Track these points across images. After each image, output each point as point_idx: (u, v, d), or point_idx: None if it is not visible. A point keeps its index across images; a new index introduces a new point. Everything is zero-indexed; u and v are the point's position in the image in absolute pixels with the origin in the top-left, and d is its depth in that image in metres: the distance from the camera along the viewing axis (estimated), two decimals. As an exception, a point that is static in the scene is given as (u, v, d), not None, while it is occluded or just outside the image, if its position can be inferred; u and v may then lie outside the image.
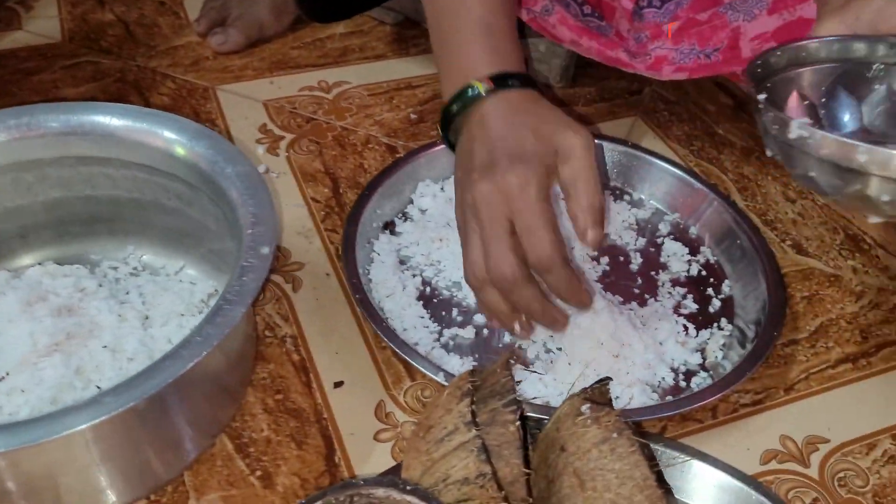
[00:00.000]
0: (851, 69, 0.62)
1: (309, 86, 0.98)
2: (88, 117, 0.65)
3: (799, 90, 0.62)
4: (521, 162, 0.60)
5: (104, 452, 0.51)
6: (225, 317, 0.52)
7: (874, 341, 0.72)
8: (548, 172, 0.61)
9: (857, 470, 0.62)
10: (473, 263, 0.62)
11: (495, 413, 0.50)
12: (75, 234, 0.71)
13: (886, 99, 0.62)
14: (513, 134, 0.63)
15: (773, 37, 0.77)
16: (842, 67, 0.62)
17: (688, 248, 0.78)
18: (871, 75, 0.62)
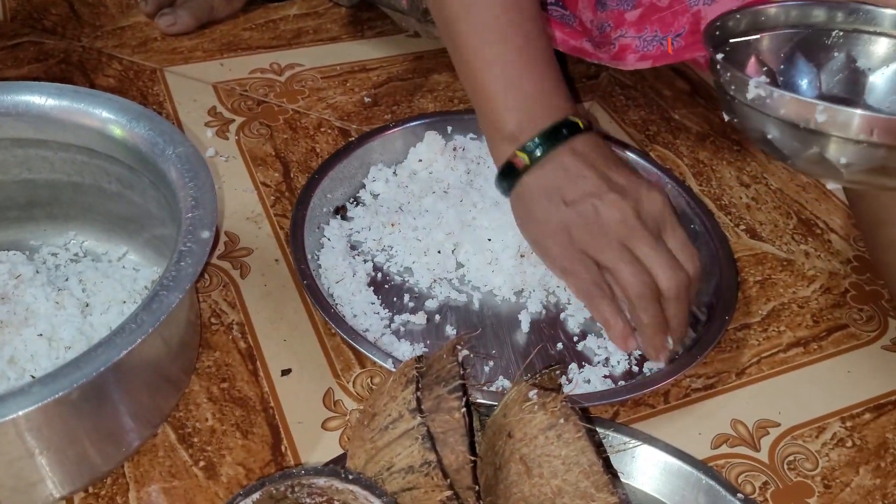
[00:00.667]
0: (811, 36, 0.61)
1: (261, 68, 0.96)
2: (22, 97, 0.62)
3: (757, 55, 0.61)
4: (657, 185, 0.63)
5: (36, 444, 0.49)
6: (161, 303, 0.50)
7: (825, 325, 0.72)
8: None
9: (807, 453, 0.62)
10: (641, 276, 0.60)
11: (440, 400, 0.49)
12: (13, 219, 0.69)
13: (845, 66, 0.62)
14: (626, 166, 0.64)
15: None
16: (801, 34, 0.61)
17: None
18: (830, 42, 0.61)
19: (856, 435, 0.64)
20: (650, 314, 0.61)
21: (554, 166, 0.62)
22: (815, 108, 0.50)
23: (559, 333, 0.68)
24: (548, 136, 0.63)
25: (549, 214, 0.62)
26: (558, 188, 0.62)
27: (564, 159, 0.62)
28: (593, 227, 0.61)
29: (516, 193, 0.65)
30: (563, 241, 0.62)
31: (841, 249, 0.80)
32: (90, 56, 0.96)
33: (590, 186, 0.61)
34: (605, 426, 0.59)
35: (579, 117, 0.64)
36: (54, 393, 0.45)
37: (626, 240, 0.60)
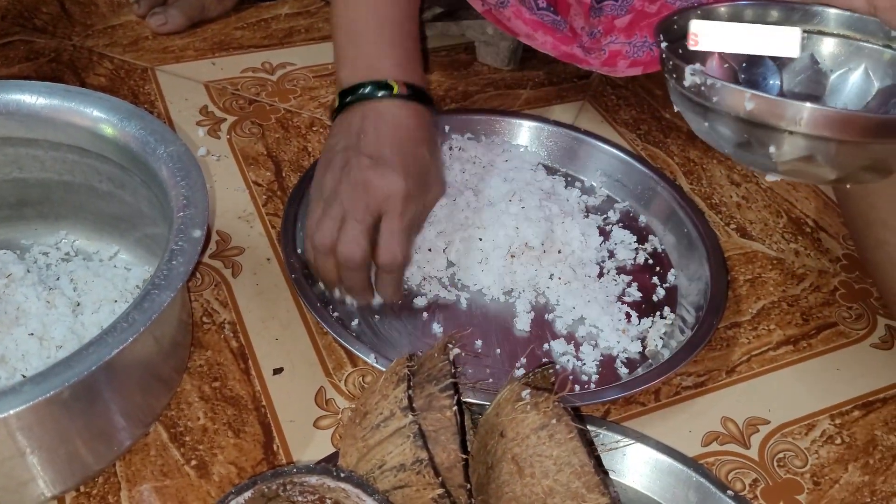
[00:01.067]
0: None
1: (252, 67, 0.96)
2: (13, 96, 0.62)
3: (719, 53, 0.61)
4: (414, 178, 0.65)
5: (27, 443, 0.49)
6: (153, 302, 0.50)
7: (815, 323, 0.73)
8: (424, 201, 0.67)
9: (797, 450, 0.62)
10: (325, 232, 0.64)
11: (432, 398, 0.49)
12: (3, 218, 0.69)
13: (809, 67, 0.62)
14: (412, 148, 0.66)
15: None
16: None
17: (636, 236, 0.77)
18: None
19: (845, 432, 0.64)
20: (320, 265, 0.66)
21: (351, 115, 0.68)
22: (744, 96, 0.51)
23: (546, 334, 0.69)
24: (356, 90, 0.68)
25: (326, 151, 0.68)
26: (343, 134, 0.68)
27: (360, 113, 0.67)
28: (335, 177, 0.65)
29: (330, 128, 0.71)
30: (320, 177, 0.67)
31: (830, 248, 0.80)
32: (81, 55, 0.95)
33: (358, 143, 0.66)
34: (596, 424, 0.59)
35: (399, 83, 0.68)
36: (45, 392, 0.45)
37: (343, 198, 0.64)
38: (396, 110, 0.67)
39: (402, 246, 0.65)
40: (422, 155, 0.67)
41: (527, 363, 0.66)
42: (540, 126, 0.86)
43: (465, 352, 0.66)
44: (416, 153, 0.67)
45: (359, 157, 0.65)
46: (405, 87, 0.68)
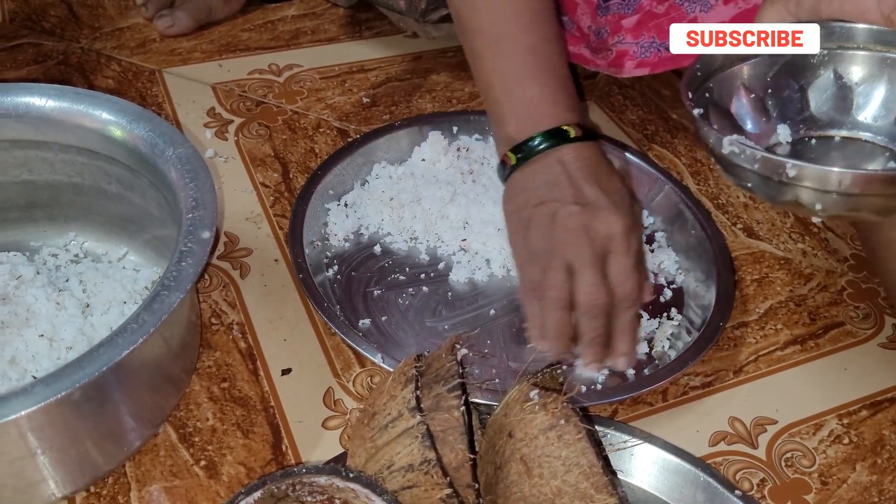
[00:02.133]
0: (796, 57, 0.62)
1: (259, 69, 0.96)
2: (22, 99, 0.63)
3: (744, 83, 0.62)
4: (626, 210, 0.65)
5: (38, 444, 0.50)
6: (162, 303, 0.50)
7: (822, 323, 0.72)
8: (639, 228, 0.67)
9: (804, 450, 0.62)
10: (556, 285, 0.63)
11: (440, 398, 0.49)
12: (13, 220, 0.69)
13: (833, 84, 0.63)
14: (610, 183, 0.66)
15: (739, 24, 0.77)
16: (784, 57, 0.62)
17: (644, 236, 0.77)
18: (815, 61, 0.62)
19: (852, 432, 0.64)
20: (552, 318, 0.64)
21: (535, 169, 0.67)
22: (785, 165, 0.52)
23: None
24: (539, 141, 0.67)
25: (518, 211, 0.67)
26: (533, 189, 0.67)
27: (545, 164, 0.67)
28: (545, 232, 0.64)
29: (505, 187, 0.70)
30: (521, 239, 0.66)
31: (838, 248, 0.80)
32: (89, 57, 0.96)
33: (556, 194, 0.65)
34: (604, 424, 0.59)
35: (573, 126, 0.67)
36: (56, 393, 0.46)
37: (567, 250, 0.63)
38: (578, 153, 0.66)
39: (636, 281, 0.64)
40: (619, 186, 0.67)
41: (534, 364, 0.66)
42: (546, 126, 0.85)
43: (473, 352, 0.66)
44: (615, 187, 0.67)
45: (566, 207, 0.64)
46: (578, 129, 0.67)
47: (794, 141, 0.62)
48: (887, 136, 0.61)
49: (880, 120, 0.62)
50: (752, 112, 0.63)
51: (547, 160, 0.67)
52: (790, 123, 0.61)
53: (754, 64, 0.63)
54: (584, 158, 0.67)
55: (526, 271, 0.66)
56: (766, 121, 0.62)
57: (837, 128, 0.63)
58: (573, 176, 0.66)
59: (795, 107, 0.63)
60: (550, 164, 0.66)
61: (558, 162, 0.66)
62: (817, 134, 0.63)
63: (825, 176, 0.52)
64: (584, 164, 0.66)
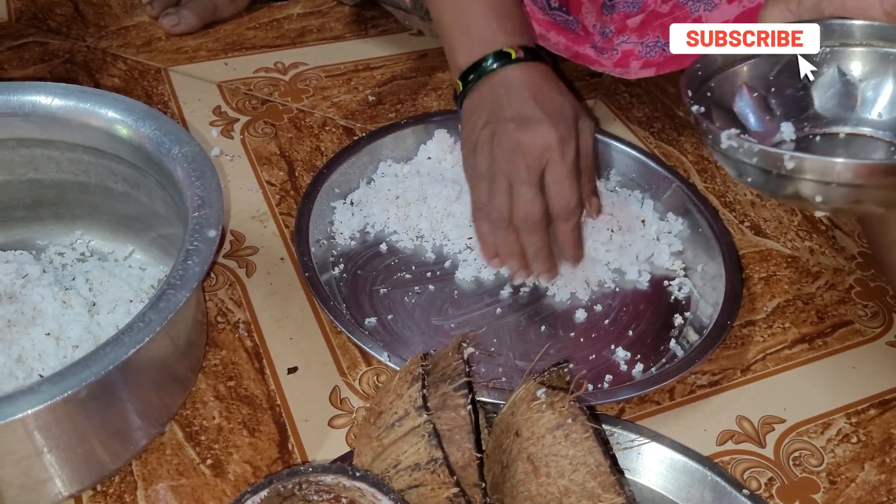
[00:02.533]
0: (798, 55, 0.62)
1: (265, 67, 0.96)
2: (28, 98, 0.63)
3: (746, 82, 0.62)
4: (562, 123, 0.67)
5: (45, 442, 0.50)
6: (169, 302, 0.50)
7: (830, 321, 0.72)
8: (580, 141, 0.68)
9: (812, 449, 0.62)
10: (498, 205, 0.66)
11: (446, 397, 0.49)
12: (19, 218, 0.69)
13: (836, 81, 0.62)
14: (549, 98, 0.68)
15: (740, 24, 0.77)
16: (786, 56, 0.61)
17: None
18: (818, 59, 0.62)
19: (861, 431, 0.64)
20: (495, 236, 0.68)
21: (480, 93, 0.70)
22: (783, 157, 0.52)
23: (559, 332, 0.68)
24: (482, 66, 0.70)
25: (468, 136, 0.70)
26: (479, 112, 0.70)
27: (489, 87, 0.70)
28: (487, 153, 0.67)
29: (462, 116, 0.74)
30: (470, 161, 0.70)
31: (846, 246, 0.80)
32: (95, 56, 0.96)
33: (494, 114, 0.68)
34: (611, 423, 0.59)
35: (515, 48, 0.70)
36: (62, 392, 0.46)
37: (505, 168, 0.66)
38: (521, 73, 0.69)
39: (572, 189, 0.66)
40: (558, 101, 0.69)
41: (540, 362, 0.66)
42: (552, 124, 0.85)
43: (479, 351, 0.66)
44: (553, 101, 0.68)
45: (503, 125, 0.67)
46: (521, 51, 0.70)
47: (798, 138, 0.61)
48: (892, 132, 0.61)
49: (885, 116, 0.62)
50: (755, 111, 0.63)
51: (491, 82, 0.70)
52: (794, 121, 0.61)
53: (756, 63, 0.63)
54: (526, 78, 0.69)
55: (474, 193, 0.69)
56: (770, 119, 0.62)
57: (842, 124, 0.62)
58: (511, 94, 0.68)
59: (799, 105, 0.63)
60: (494, 85, 0.69)
61: (501, 82, 0.69)
62: (821, 131, 0.62)
63: (824, 167, 0.52)
64: (524, 83, 0.69)
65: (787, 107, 0.63)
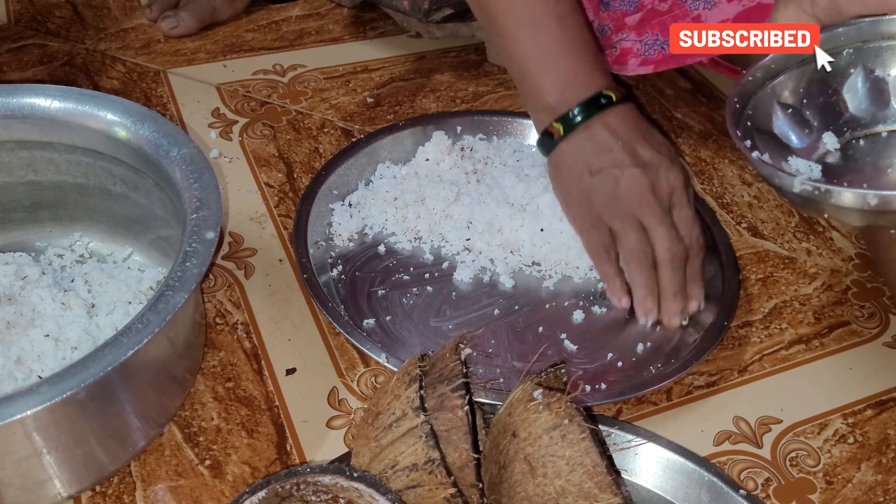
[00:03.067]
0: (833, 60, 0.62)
1: (263, 69, 0.96)
2: (27, 100, 0.63)
3: (778, 100, 0.62)
4: (678, 165, 0.68)
5: (44, 443, 0.50)
6: (167, 303, 0.50)
7: (827, 322, 0.72)
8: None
9: (809, 450, 0.62)
10: (635, 244, 0.67)
11: (444, 398, 0.49)
12: (18, 220, 0.70)
13: (866, 80, 0.62)
14: (656, 140, 0.70)
15: (734, 23, 0.77)
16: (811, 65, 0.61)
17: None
18: (843, 62, 0.62)
19: (857, 431, 0.64)
20: (643, 276, 0.68)
21: (585, 136, 0.69)
22: (867, 196, 0.51)
23: (557, 333, 0.69)
24: (582, 109, 0.69)
25: (575, 180, 0.69)
26: (586, 157, 0.69)
27: (595, 131, 0.69)
28: (611, 196, 0.67)
29: (552, 159, 0.72)
30: (584, 206, 0.69)
31: (842, 247, 0.80)
32: (94, 58, 0.96)
33: (614, 159, 0.68)
34: (608, 424, 0.59)
35: (613, 90, 0.70)
36: (61, 393, 0.46)
37: (637, 210, 0.66)
38: (621, 116, 0.69)
39: (698, 227, 0.68)
40: (666, 143, 0.70)
41: (538, 363, 0.66)
42: (550, 126, 0.86)
43: (477, 351, 0.66)
44: (660, 142, 0.70)
45: (629, 170, 0.67)
46: (620, 92, 0.70)
47: (842, 146, 0.61)
48: None
49: None
50: (794, 127, 0.63)
51: (594, 128, 0.69)
52: (833, 129, 0.61)
53: (785, 79, 0.63)
54: (628, 121, 0.69)
55: (593, 236, 0.69)
56: (810, 132, 0.62)
57: (883, 123, 0.62)
58: (624, 139, 0.68)
59: (835, 111, 0.63)
60: (598, 130, 0.68)
61: (605, 127, 0.68)
62: (863, 133, 0.62)
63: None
64: (630, 127, 0.69)
65: (824, 116, 0.63)
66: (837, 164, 0.60)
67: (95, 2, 1.06)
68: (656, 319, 0.69)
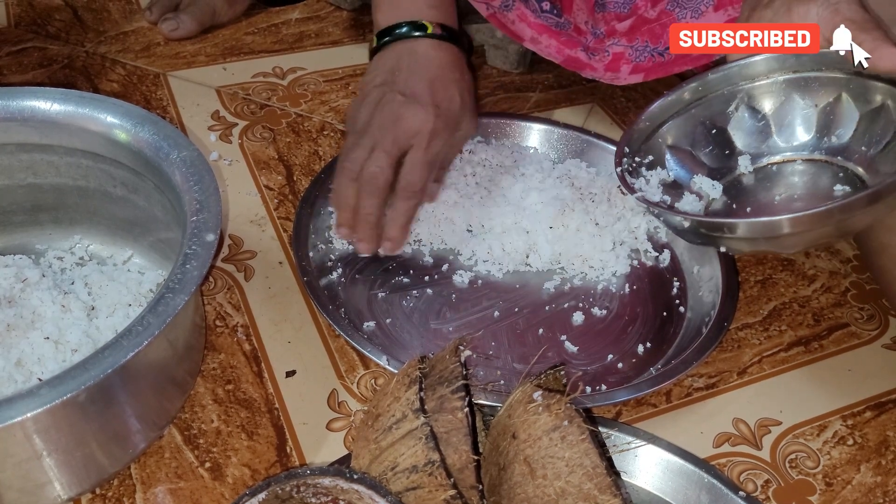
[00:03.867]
0: (710, 103, 0.68)
1: (263, 72, 0.97)
2: (28, 103, 0.63)
3: (669, 144, 0.68)
4: (444, 115, 0.69)
5: (44, 445, 0.50)
6: (167, 305, 0.50)
7: (826, 324, 0.72)
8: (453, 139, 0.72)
9: (808, 451, 0.62)
10: (353, 158, 0.68)
11: (443, 400, 0.49)
12: (18, 223, 0.70)
13: (750, 118, 0.67)
14: (444, 86, 0.71)
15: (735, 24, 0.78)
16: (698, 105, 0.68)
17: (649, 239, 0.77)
18: (728, 107, 0.68)
19: (857, 433, 0.64)
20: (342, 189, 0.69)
21: (388, 54, 0.73)
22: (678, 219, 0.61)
23: (557, 334, 0.69)
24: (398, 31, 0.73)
25: (362, 86, 0.73)
26: (379, 70, 0.72)
27: (396, 51, 0.73)
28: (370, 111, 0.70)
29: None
30: (354, 110, 0.72)
31: (841, 249, 0.80)
32: (94, 61, 0.96)
33: (391, 79, 0.71)
34: (607, 426, 0.59)
35: (435, 24, 0.73)
36: (62, 395, 0.46)
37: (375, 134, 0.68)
38: (430, 50, 0.72)
39: (422, 175, 0.68)
40: (452, 95, 0.71)
41: (537, 364, 0.66)
42: (550, 129, 0.86)
43: (477, 354, 0.66)
44: (448, 92, 0.71)
45: (392, 94, 0.69)
46: (439, 28, 0.72)
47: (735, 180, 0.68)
48: (818, 150, 0.66)
49: (804, 137, 0.67)
50: (685, 169, 0.69)
51: (400, 47, 0.72)
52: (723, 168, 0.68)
53: (677, 122, 0.68)
54: (431, 56, 0.72)
55: (347, 141, 0.71)
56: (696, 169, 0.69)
57: (769, 156, 0.68)
58: (412, 68, 0.71)
59: (722, 152, 0.69)
60: (401, 51, 0.72)
61: (408, 51, 0.72)
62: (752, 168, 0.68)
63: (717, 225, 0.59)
64: (428, 61, 0.71)
65: (716, 157, 0.69)
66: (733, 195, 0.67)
67: (95, 5, 1.06)
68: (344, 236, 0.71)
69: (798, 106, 0.66)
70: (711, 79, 0.67)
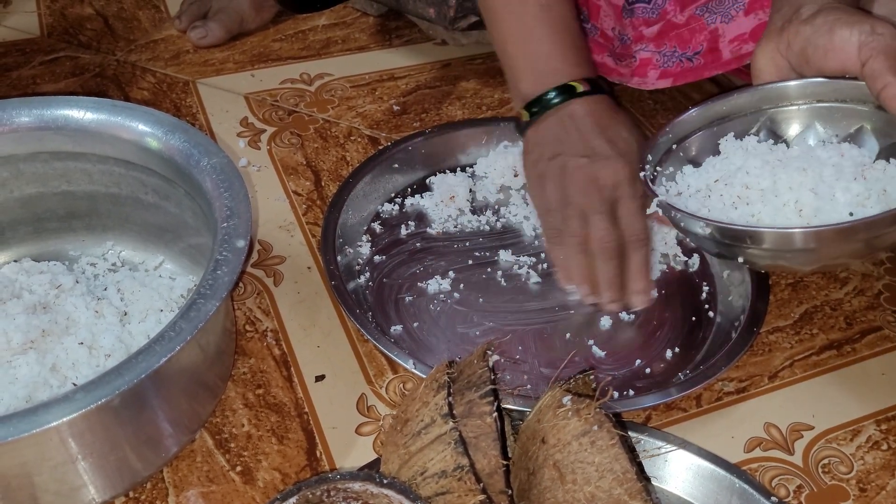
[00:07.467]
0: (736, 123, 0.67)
1: (291, 78, 0.97)
2: (62, 112, 0.64)
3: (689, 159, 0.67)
4: (630, 158, 0.69)
5: (79, 449, 0.51)
6: (199, 311, 0.51)
7: (859, 327, 0.72)
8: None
9: (842, 456, 0.62)
10: (574, 229, 0.68)
11: (472, 405, 0.49)
12: (52, 230, 0.71)
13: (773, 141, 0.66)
14: (617, 134, 0.71)
15: (751, 37, 0.77)
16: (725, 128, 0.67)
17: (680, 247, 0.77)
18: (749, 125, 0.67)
19: (891, 438, 0.63)
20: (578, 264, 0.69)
21: (547, 125, 0.72)
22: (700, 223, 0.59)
23: (585, 339, 0.68)
24: (548, 97, 0.72)
25: (534, 166, 0.72)
26: (544, 145, 0.72)
27: (556, 120, 0.72)
28: (559, 184, 0.69)
29: (523, 144, 0.76)
30: (539, 191, 0.72)
31: (874, 251, 0.79)
32: (124, 69, 0.98)
33: (566, 148, 0.70)
34: (637, 430, 0.59)
35: (581, 81, 0.72)
36: (96, 400, 0.47)
37: (579, 200, 0.68)
38: (587, 107, 0.71)
39: (643, 221, 0.69)
40: (625, 136, 0.71)
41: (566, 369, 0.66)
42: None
43: (504, 358, 0.66)
44: (620, 136, 0.71)
45: (574, 160, 0.69)
46: (587, 84, 0.72)
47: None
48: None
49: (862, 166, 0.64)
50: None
51: (557, 115, 0.71)
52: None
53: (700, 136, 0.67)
54: (592, 112, 0.71)
55: (547, 221, 0.71)
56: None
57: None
58: (581, 129, 0.70)
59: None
60: (561, 118, 0.71)
61: (568, 116, 0.71)
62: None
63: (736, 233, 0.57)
64: (592, 118, 0.71)
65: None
66: None
67: (126, 14, 1.08)
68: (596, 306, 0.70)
69: (819, 134, 0.65)
70: (738, 99, 0.66)
